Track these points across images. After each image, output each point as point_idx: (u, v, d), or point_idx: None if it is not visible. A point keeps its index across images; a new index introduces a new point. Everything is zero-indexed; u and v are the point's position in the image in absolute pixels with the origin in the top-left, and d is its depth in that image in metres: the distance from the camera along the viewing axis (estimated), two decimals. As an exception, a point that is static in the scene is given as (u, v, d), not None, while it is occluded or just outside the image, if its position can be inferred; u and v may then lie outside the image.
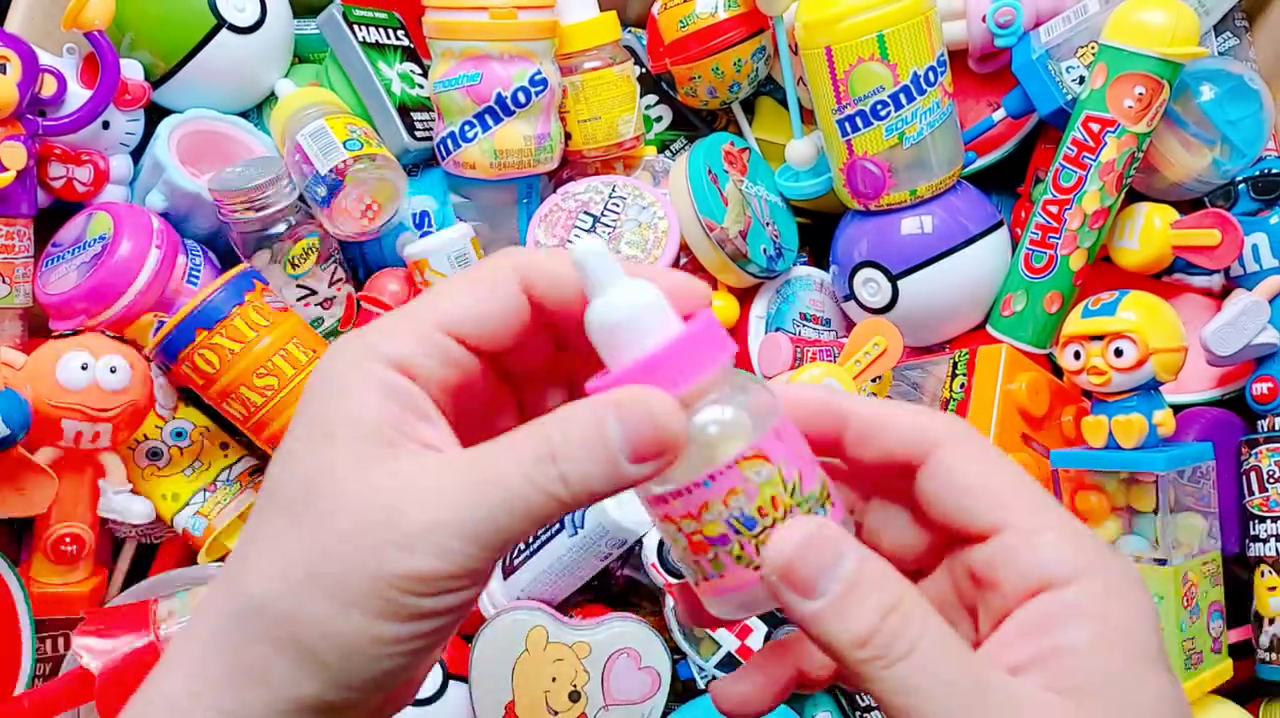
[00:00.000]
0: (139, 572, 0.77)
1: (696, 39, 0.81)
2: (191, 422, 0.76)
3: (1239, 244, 0.71)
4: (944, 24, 0.77)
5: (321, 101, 0.79)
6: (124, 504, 0.71)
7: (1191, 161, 0.75)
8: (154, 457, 0.75)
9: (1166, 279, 0.79)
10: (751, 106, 0.89)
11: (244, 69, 0.81)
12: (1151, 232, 0.74)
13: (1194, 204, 0.78)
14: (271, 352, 0.72)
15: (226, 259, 0.81)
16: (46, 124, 0.73)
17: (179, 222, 0.79)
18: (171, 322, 0.71)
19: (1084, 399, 0.73)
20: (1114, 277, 0.76)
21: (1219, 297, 0.78)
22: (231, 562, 0.31)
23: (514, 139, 0.77)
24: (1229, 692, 0.70)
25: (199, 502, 0.75)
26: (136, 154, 0.80)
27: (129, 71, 0.77)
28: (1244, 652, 0.71)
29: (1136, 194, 0.77)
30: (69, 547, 0.69)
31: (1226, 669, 0.68)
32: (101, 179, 0.77)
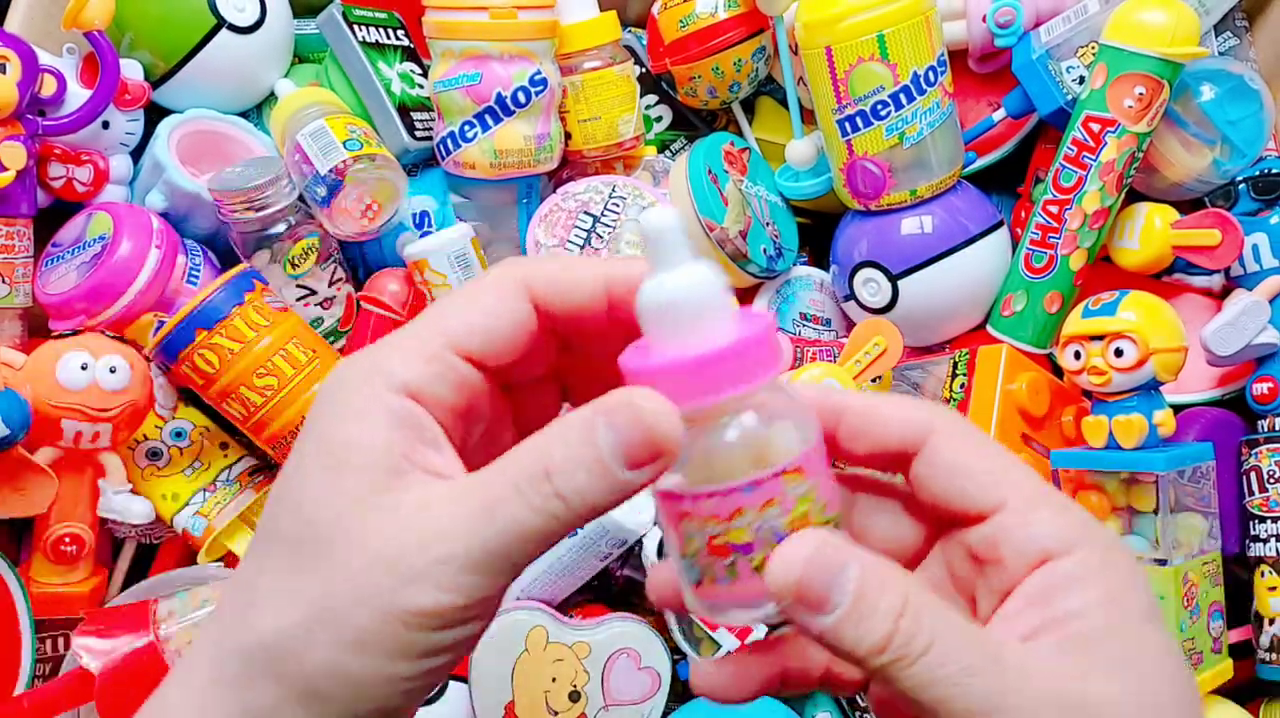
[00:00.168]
0: (139, 572, 0.77)
1: (696, 39, 0.81)
2: (191, 422, 0.76)
3: (1239, 244, 0.71)
4: (944, 24, 0.77)
5: (321, 101, 0.79)
6: (124, 504, 0.71)
7: (1191, 161, 0.75)
8: (154, 457, 0.75)
9: (1166, 279, 0.79)
10: (751, 106, 0.89)
11: (244, 69, 0.81)
12: (1152, 232, 0.74)
13: (1194, 204, 0.78)
14: (271, 352, 0.72)
15: (226, 259, 0.81)
16: (46, 124, 0.73)
17: (179, 222, 0.79)
18: (171, 322, 0.71)
19: (1084, 399, 0.73)
20: (1114, 277, 0.76)
21: (1219, 297, 0.78)
22: (234, 598, 0.31)
23: (514, 139, 0.77)
24: (1229, 692, 0.70)
25: (199, 502, 0.75)
26: (136, 154, 0.80)
27: (129, 71, 0.77)
28: (1244, 652, 0.71)
29: (1137, 194, 0.77)
30: (69, 547, 0.69)
31: (1227, 669, 0.68)
32: (101, 179, 0.77)
